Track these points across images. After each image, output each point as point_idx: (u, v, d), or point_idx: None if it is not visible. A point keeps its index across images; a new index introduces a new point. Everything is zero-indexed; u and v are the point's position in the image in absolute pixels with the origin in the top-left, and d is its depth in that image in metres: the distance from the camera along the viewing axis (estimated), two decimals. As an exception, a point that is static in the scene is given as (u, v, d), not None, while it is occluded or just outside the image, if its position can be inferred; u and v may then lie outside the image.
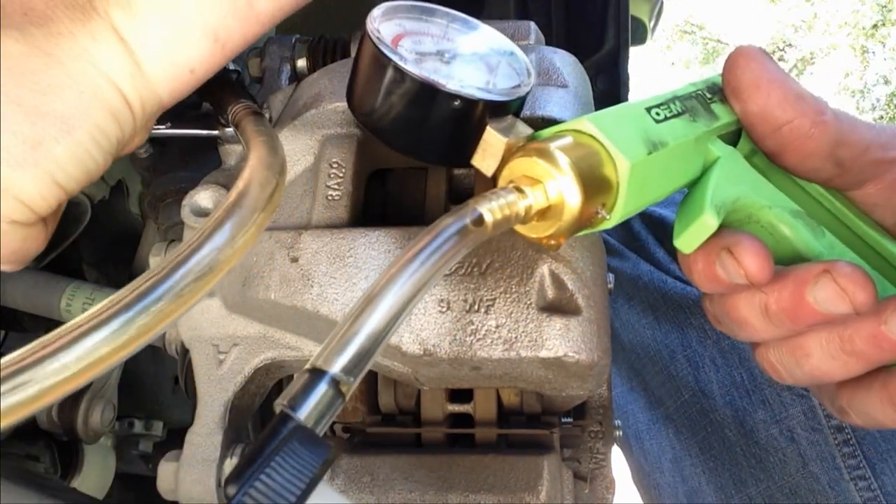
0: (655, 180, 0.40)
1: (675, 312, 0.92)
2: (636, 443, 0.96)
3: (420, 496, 0.49)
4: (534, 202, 0.36)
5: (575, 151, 0.37)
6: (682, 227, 0.42)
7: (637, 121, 0.40)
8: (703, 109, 0.44)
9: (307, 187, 0.53)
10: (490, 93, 0.40)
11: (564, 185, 0.36)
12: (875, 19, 7.59)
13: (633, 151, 0.38)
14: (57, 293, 0.84)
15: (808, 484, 0.79)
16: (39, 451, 0.98)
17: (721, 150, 0.44)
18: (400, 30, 0.43)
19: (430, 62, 0.41)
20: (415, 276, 0.32)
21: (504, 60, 0.45)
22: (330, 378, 0.29)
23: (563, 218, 0.37)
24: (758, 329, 0.44)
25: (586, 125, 0.38)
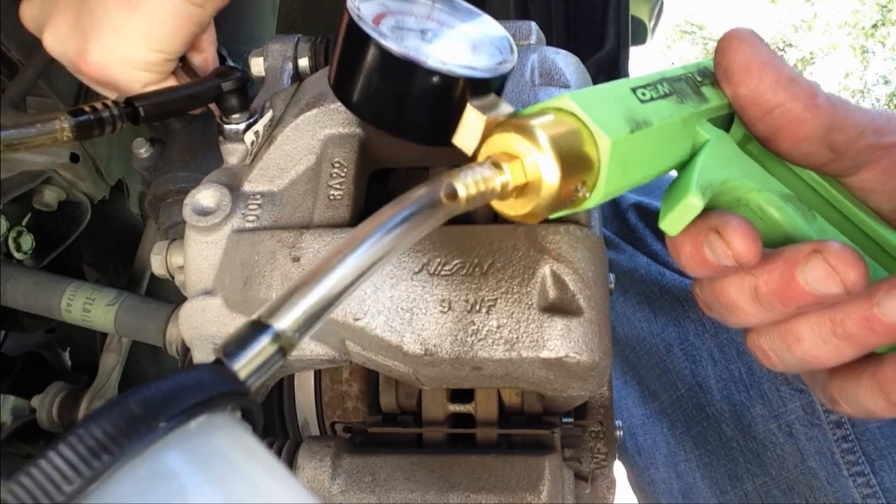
0: (639, 160, 0.40)
1: (672, 305, 0.92)
2: (630, 438, 0.96)
3: (421, 496, 0.49)
4: (511, 178, 0.36)
5: (555, 128, 0.36)
6: (667, 208, 0.41)
7: (621, 100, 0.39)
8: (691, 92, 0.44)
9: (309, 187, 0.53)
10: (471, 69, 0.40)
11: (542, 162, 0.35)
12: (875, 19, 7.59)
13: (615, 129, 0.37)
14: (57, 293, 0.84)
15: (806, 480, 0.79)
16: (39, 451, 0.97)
17: (710, 132, 0.43)
18: (382, 9, 0.42)
19: (411, 40, 0.41)
20: (379, 243, 0.31)
21: (487, 40, 0.44)
22: (273, 332, 0.28)
23: (541, 195, 0.36)
24: (748, 313, 0.44)
25: (567, 102, 0.37)
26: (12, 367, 1.07)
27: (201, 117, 0.74)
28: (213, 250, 0.52)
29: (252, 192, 0.54)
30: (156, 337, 0.80)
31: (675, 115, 0.41)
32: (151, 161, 0.78)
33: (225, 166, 0.57)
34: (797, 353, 0.44)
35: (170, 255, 0.57)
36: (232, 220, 0.53)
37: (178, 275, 0.57)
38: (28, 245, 0.97)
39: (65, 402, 0.92)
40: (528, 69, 0.54)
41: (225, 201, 0.53)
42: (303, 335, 0.29)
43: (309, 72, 0.63)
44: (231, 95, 0.56)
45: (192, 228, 0.52)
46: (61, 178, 0.94)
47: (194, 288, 0.53)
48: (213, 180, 0.54)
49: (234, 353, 0.27)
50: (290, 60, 0.63)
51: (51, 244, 1.00)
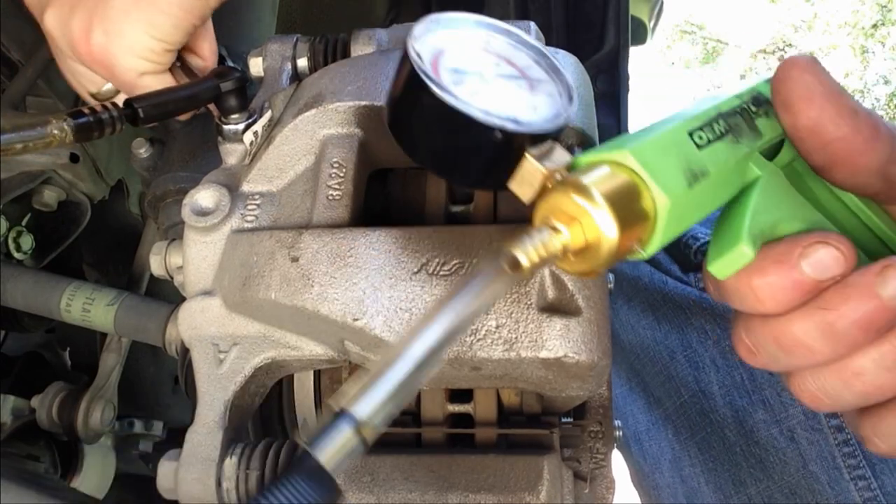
0: (693, 210, 0.40)
1: (675, 313, 0.92)
2: (635, 443, 0.96)
3: (420, 496, 0.49)
4: (571, 241, 0.36)
5: (613, 186, 0.36)
6: (716, 252, 0.40)
7: (679, 148, 0.39)
8: (746, 127, 0.43)
9: (308, 187, 0.53)
10: (530, 125, 0.39)
11: (602, 224, 0.36)
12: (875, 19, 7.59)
13: (674, 186, 0.37)
14: (57, 293, 0.84)
15: (808, 484, 0.79)
16: (39, 451, 0.98)
17: (762, 167, 0.43)
18: (440, 44, 0.42)
19: (470, 83, 0.40)
20: (447, 323, 0.32)
21: (544, 72, 0.44)
22: (355, 422, 0.30)
23: (601, 255, 0.36)
24: (815, 352, 0.41)
25: (628, 159, 0.37)
26: (12, 367, 1.07)
27: (201, 117, 0.74)
28: (212, 250, 0.52)
29: (251, 192, 0.54)
30: (155, 337, 0.80)
31: (731, 159, 0.41)
32: (151, 161, 0.78)
33: (224, 166, 0.57)
34: (857, 389, 0.42)
35: (169, 256, 0.57)
36: (231, 221, 0.53)
37: (178, 275, 0.57)
38: (28, 245, 0.97)
39: (65, 402, 0.92)
40: (527, 69, 0.54)
41: (224, 201, 0.53)
42: (384, 421, 0.31)
43: (308, 72, 0.63)
44: (230, 96, 0.56)
45: (191, 229, 0.52)
46: (61, 178, 0.94)
47: (193, 288, 0.53)
48: (212, 180, 0.54)
49: (319, 445, 0.29)
50: (289, 60, 0.63)
51: (51, 244, 1.00)
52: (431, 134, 0.40)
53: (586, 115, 0.53)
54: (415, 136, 0.41)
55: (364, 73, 0.56)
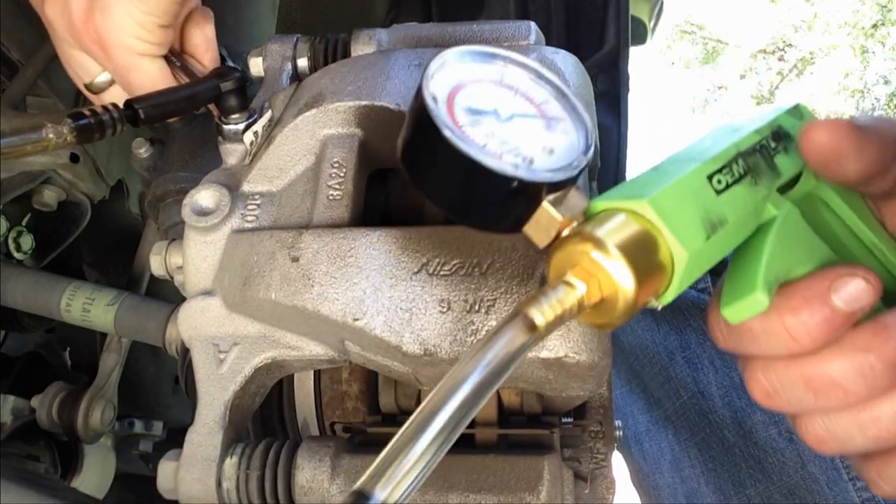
0: (709, 258, 0.39)
1: (674, 314, 0.92)
2: (635, 444, 0.96)
3: (420, 496, 0.49)
4: (587, 296, 0.35)
5: (629, 238, 0.36)
6: (730, 298, 0.40)
7: (698, 196, 0.38)
8: (765, 167, 0.42)
9: (308, 187, 0.53)
10: (545, 173, 0.38)
11: (619, 279, 0.35)
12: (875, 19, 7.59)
13: (692, 239, 0.37)
14: (57, 293, 0.84)
15: (807, 484, 0.79)
16: (39, 451, 0.98)
17: (778, 207, 0.42)
18: (456, 81, 0.41)
19: (486, 123, 0.40)
20: (467, 395, 0.31)
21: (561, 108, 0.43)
22: None
23: (618, 309, 0.36)
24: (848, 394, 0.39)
25: (646, 210, 0.36)
26: (12, 367, 1.07)
27: (201, 117, 0.74)
28: (212, 250, 0.52)
29: (251, 192, 0.54)
30: (155, 337, 0.80)
31: (749, 203, 0.41)
32: (151, 161, 0.78)
33: (224, 166, 0.57)
34: (871, 434, 0.41)
35: (169, 256, 0.57)
36: (231, 221, 0.53)
37: (178, 275, 0.57)
38: (28, 245, 0.97)
39: (65, 402, 0.92)
40: (527, 69, 0.54)
41: (224, 201, 0.53)
42: (404, 500, 0.30)
43: (308, 72, 0.63)
44: (230, 96, 0.56)
45: (192, 229, 0.52)
46: (61, 178, 0.94)
47: (193, 288, 0.53)
48: (213, 180, 0.54)
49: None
50: (289, 60, 0.63)
51: (51, 244, 1.00)
52: (445, 179, 0.39)
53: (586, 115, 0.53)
54: (429, 180, 0.40)
55: (364, 73, 0.56)
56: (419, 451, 0.30)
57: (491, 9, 1.28)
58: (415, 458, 0.30)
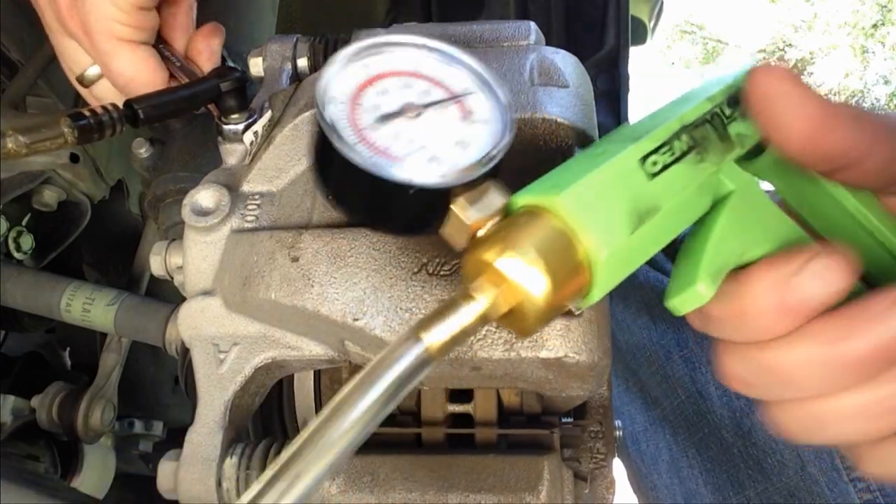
0: (640, 251, 0.36)
1: (670, 312, 0.92)
2: (633, 444, 0.96)
3: (420, 496, 0.49)
4: (490, 310, 0.33)
5: (542, 240, 0.33)
6: (674, 289, 0.37)
7: (625, 183, 0.35)
8: (716, 138, 0.38)
9: (308, 187, 0.53)
10: (453, 177, 0.36)
11: (527, 286, 0.32)
12: (875, 19, 7.59)
13: (613, 235, 0.34)
14: (57, 293, 0.84)
15: (807, 485, 0.79)
16: (39, 451, 0.98)
17: (734, 179, 0.38)
18: (365, 74, 0.39)
19: (394, 124, 0.38)
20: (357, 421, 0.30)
21: (482, 96, 0.40)
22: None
23: (527, 319, 0.33)
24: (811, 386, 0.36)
25: (558, 205, 0.33)
26: (12, 367, 1.07)
27: (201, 117, 0.74)
28: (212, 250, 0.52)
29: (251, 192, 0.54)
30: (155, 337, 0.80)
31: (691, 184, 0.37)
32: (151, 161, 0.78)
33: (224, 166, 0.57)
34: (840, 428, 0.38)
35: (169, 256, 0.57)
36: (231, 221, 0.53)
37: (178, 275, 0.57)
38: (28, 245, 0.97)
39: (65, 402, 0.92)
40: (526, 69, 0.54)
41: (224, 201, 0.53)
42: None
43: (308, 72, 0.63)
44: (230, 96, 0.56)
45: (191, 229, 0.52)
46: (61, 178, 0.94)
47: (193, 288, 0.53)
48: (212, 180, 0.54)
49: None
50: (289, 61, 0.63)
51: (51, 244, 1.01)
52: (351, 192, 0.38)
53: (586, 115, 0.53)
54: (337, 194, 0.39)
55: (364, 73, 0.56)
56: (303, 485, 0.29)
57: (491, 9, 1.28)
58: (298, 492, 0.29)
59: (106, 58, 0.59)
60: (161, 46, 0.64)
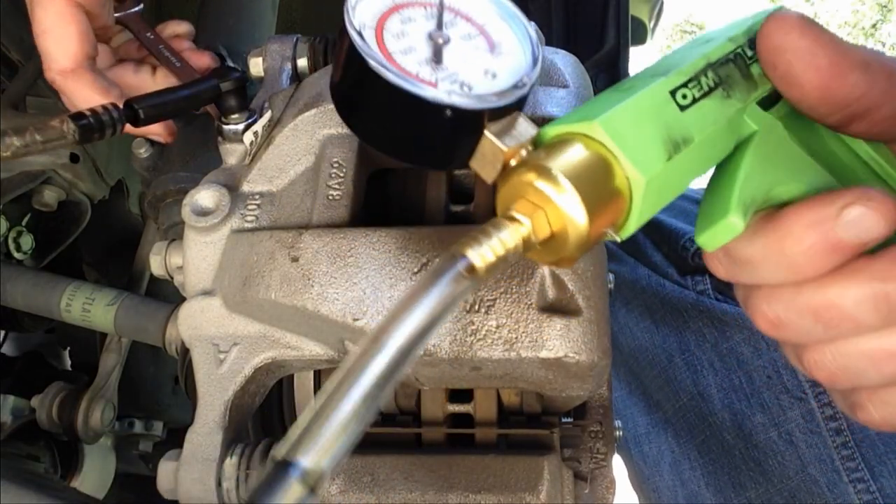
0: (675, 182, 0.35)
1: (673, 316, 0.92)
2: (635, 446, 0.96)
3: (420, 496, 0.49)
4: (533, 233, 0.32)
5: (580, 165, 0.32)
6: (704, 223, 0.36)
7: (658, 113, 0.35)
8: (740, 77, 0.38)
9: (308, 187, 0.53)
10: (484, 98, 0.35)
11: (569, 211, 0.32)
12: (875, 19, 7.59)
13: (651, 161, 0.33)
14: (57, 293, 0.84)
15: (807, 487, 0.79)
16: (39, 451, 0.98)
17: (758, 121, 0.38)
18: (387, 4, 0.38)
19: (420, 50, 0.37)
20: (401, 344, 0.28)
21: (507, 29, 0.40)
22: (301, 470, 0.26)
23: (569, 245, 0.32)
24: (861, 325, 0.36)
25: (597, 131, 0.33)
26: (12, 367, 1.07)
27: (201, 117, 0.74)
28: (212, 251, 0.52)
29: (251, 192, 0.54)
30: (155, 337, 0.80)
31: (721, 118, 0.36)
32: (151, 161, 0.78)
33: (224, 166, 0.57)
34: (886, 368, 0.37)
35: (169, 256, 0.57)
36: (231, 221, 0.53)
37: (178, 275, 0.57)
38: (28, 245, 0.97)
39: (64, 402, 0.92)
40: (527, 69, 0.54)
41: (224, 202, 0.53)
42: (333, 465, 0.27)
43: (308, 72, 0.63)
44: (230, 96, 0.56)
45: (191, 229, 0.52)
46: (61, 178, 0.94)
47: (193, 288, 0.53)
48: (212, 180, 0.54)
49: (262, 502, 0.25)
50: (289, 60, 0.62)
51: (51, 244, 1.01)
52: (378, 115, 0.37)
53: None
54: (364, 120, 0.37)
55: (364, 73, 0.56)
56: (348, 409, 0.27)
57: (491, 9, 1.27)
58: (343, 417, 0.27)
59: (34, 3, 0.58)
60: (161, 47, 0.64)
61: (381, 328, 0.29)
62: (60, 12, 0.58)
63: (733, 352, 0.86)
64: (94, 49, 0.60)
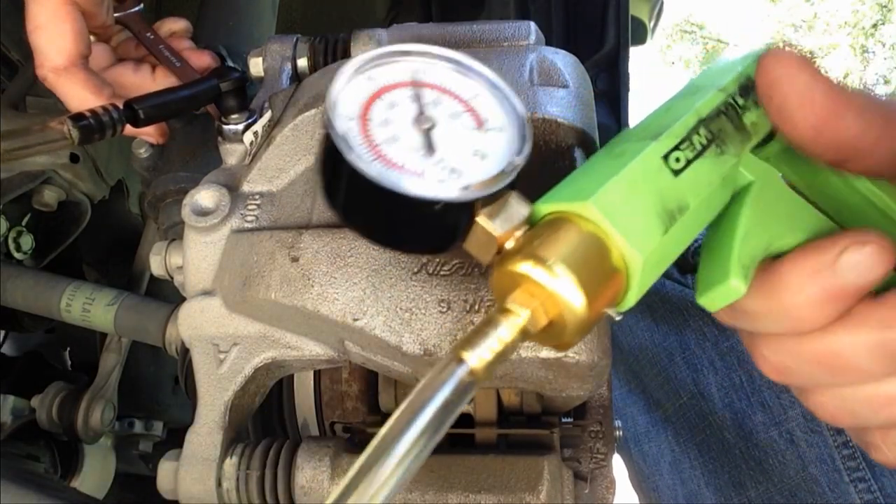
0: (672, 250, 0.35)
1: (673, 315, 0.92)
2: (635, 445, 0.96)
3: (420, 496, 0.49)
4: (530, 324, 0.32)
5: (576, 248, 0.32)
6: (705, 285, 0.36)
7: (651, 183, 0.34)
8: (733, 129, 0.37)
9: (308, 187, 0.53)
10: (475, 191, 0.34)
11: (566, 297, 0.31)
12: (875, 19, 7.59)
13: (646, 237, 0.33)
14: (57, 293, 0.84)
15: (808, 486, 0.79)
16: (39, 451, 0.98)
17: (753, 170, 0.38)
18: (372, 87, 0.38)
19: (406, 137, 0.36)
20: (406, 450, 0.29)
21: (495, 104, 0.39)
22: None
23: (567, 331, 0.32)
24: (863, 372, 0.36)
25: (591, 211, 0.32)
26: (12, 367, 1.07)
27: (201, 117, 0.74)
28: (212, 251, 0.52)
29: (251, 192, 0.54)
30: (155, 337, 0.80)
31: (715, 178, 0.36)
32: (151, 161, 0.78)
33: (224, 166, 0.57)
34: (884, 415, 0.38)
35: (169, 256, 0.57)
36: (231, 221, 0.53)
37: (178, 275, 0.57)
38: (28, 245, 0.97)
39: (65, 402, 0.92)
40: (526, 69, 0.54)
41: (224, 202, 0.53)
42: None
43: (308, 72, 0.63)
44: (230, 96, 0.56)
45: (191, 229, 0.52)
46: (61, 178, 0.94)
47: (193, 288, 0.53)
48: (212, 181, 0.54)
49: None
50: (289, 61, 0.63)
51: (51, 244, 1.00)
52: (369, 211, 0.36)
53: (586, 115, 0.53)
54: (354, 214, 0.37)
55: (364, 73, 0.56)
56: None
57: (491, 9, 1.28)
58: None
59: None
60: (161, 47, 0.64)
61: (389, 433, 0.30)
62: (55, 9, 0.58)
63: (734, 350, 0.86)
64: (87, 48, 0.60)
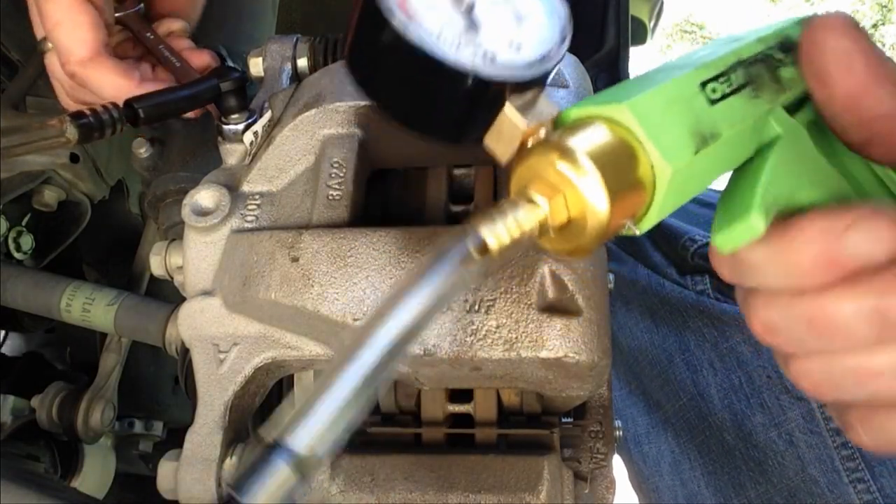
0: (699, 178, 0.34)
1: (672, 316, 0.92)
2: (635, 447, 0.96)
3: (420, 496, 0.49)
4: (550, 217, 0.30)
5: (604, 149, 0.30)
6: (723, 222, 0.34)
7: (687, 104, 0.33)
8: (769, 79, 0.37)
9: (308, 187, 0.53)
10: (510, 68, 0.33)
11: (590, 196, 0.30)
12: (875, 19, 7.59)
13: (678, 152, 0.31)
14: (57, 293, 0.84)
15: (807, 487, 0.79)
16: (39, 451, 0.98)
17: (782, 124, 0.37)
18: None
19: (443, 10, 0.34)
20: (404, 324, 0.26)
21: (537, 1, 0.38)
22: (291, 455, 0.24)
23: (587, 233, 0.31)
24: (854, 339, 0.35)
25: (625, 115, 0.31)
26: (12, 367, 1.07)
27: (201, 117, 0.74)
28: (212, 251, 0.52)
29: (251, 192, 0.54)
30: (155, 337, 0.80)
31: (748, 117, 0.35)
32: (151, 161, 0.78)
33: (224, 166, 0.57)
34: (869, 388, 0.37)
35: (169, 256, 0.57)
36: (231, 221, 0.53)
37: (177, 275, 0.57)
38: (28, 245, 0.97)
39: (65, 402, 0.92)
40: (527, 69, 0.54)
41: (224, 202, 0.53)
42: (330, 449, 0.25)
43: (308, 72, 0.63)
44: (230, 96, 0.56)
45: (191, 229, 0.52)
46: (61, 178, 0.94)
47: (193, 288, 0.53)
48: (212, 180, 0.54)
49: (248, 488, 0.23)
50: (289, 61, 0.63)
51: (51, 244, 1.00)
52: (394, 77, 0.34)
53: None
54: (376, 81, 0.35)
55: (364, 73, 0.56)
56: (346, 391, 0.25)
57: (491, 9, 1.27)
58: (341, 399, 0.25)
59: None
60: (161, 47, 0.64)
61: (385, 305, 0.27)
62: (70, 4, 0.58)
63: (733, 352, 0.86)
64: (106, 36, 0.60)
